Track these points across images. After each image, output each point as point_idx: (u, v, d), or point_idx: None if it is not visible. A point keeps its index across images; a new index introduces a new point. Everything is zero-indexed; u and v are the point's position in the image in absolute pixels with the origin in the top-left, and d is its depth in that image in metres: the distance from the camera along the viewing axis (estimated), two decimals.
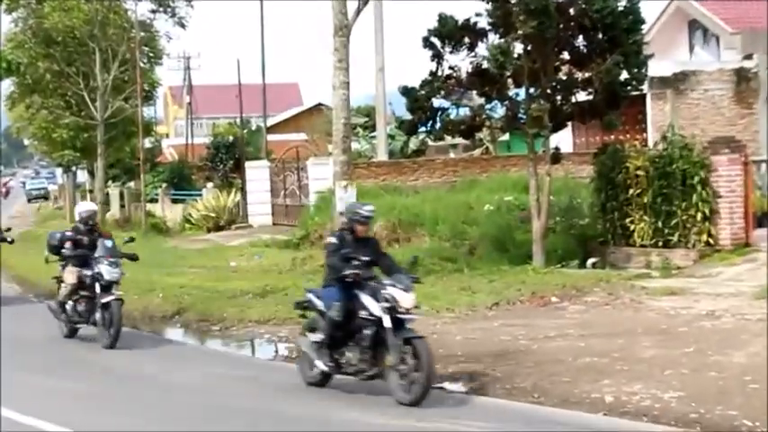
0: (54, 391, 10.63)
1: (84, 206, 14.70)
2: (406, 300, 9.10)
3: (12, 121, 52.29)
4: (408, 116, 19.38)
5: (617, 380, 9.54)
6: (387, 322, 9.07)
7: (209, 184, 38.70)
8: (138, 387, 10.79)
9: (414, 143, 37.14)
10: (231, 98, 47.89)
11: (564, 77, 18.39)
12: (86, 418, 9.07)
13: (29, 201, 77.88)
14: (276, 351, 13.12)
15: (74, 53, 37.82)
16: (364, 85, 24.27)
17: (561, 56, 18.35)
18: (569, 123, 20.33)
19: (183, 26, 38.70)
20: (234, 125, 45.84)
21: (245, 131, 43.42)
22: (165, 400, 10.04)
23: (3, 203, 67.50)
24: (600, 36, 17.85)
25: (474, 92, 19.05)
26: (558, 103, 18.29)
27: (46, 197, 76.48)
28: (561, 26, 17.73)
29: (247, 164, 35.38)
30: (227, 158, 41.26)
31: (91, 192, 49.27)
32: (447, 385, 10.09)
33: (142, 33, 38.41)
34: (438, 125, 19.05)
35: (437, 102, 18.89)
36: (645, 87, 21.26)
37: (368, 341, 9.30)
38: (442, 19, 18.26)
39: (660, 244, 17.42)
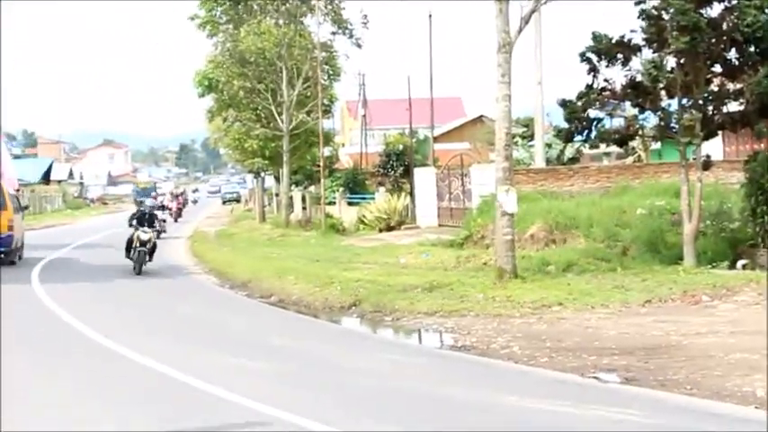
0: (250, 370, 11.03)
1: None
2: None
3: (210, 132, 54.43)
4: (565, 126, 19.13)
5: None
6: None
7: (381, 189, 39.23)
8: (322, 370, 11.06)
9: (569, 151, 36.61)
10: (401, 111, 48.34)
11: (715, 89, 17.79)
12: (281, 396, 9.35)
13: (223, 203, 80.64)
14: (442, 341, 13.20)
15: (264, 72, 38.99)
16: (523, 97, 24.12)
17: (713, 68, 17.76)
18: (720, 132, 19.62)
19: (359, 46, 39.34)
20: (403, 135, 46.18)
21: (413, 141, 43.74)
22: (345, 381, 10.27)
23: (190, 209, 65.65)
24: (751, 49, 17.19)
25: (628, 103, 18.65)
26: (710, 113, 17.71)
27: (238, 200, 79.03)
28: (713, 40, 17.17)
29: (416, 170, 35.66)
30: (398, 165, 41.69)
31: (277, 195, 50.78)
32: (602, 375, 9.95)
33: (323, 53, 39.27)
34: (593, 134, 18.76)
35: (592, 113, 18.60)
36: None
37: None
38: (597, 37, 17.98)
39: None
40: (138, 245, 22.25)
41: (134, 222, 22.75)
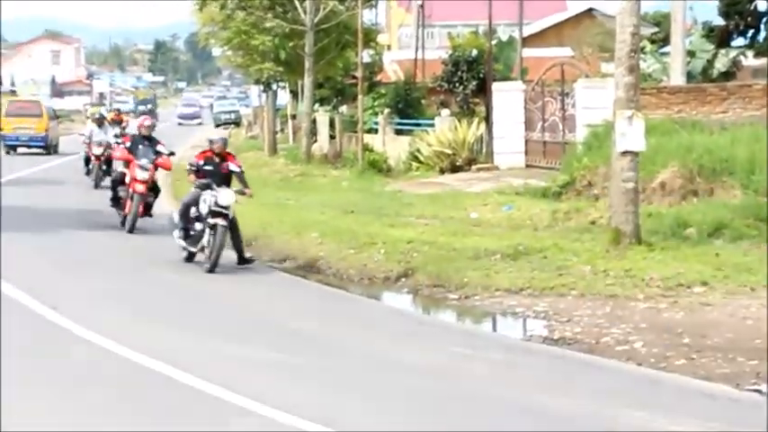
0: (258, 363, 11.09)
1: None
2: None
3: (200, 25, 54.31)
4: (719, 23, 18.87)
5: None
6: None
7: (444, 112, 39.05)
8: (357, 365, 11.07)
9: (722, 62, 36.08)
10: (475, 1, 48.05)
11: None
12: (308, 399, 9.36)
13: (216, 126, 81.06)
14: (530, 330, 13.16)
15: None
16: None
17: None
18: None
19: None
20: (478, 35, 45.87)
21: (492, 44, 43.49)
22: (390, 382, 10.27)
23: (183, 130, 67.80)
24: None
25: None
26: None
27: (237, 123, 79.32)
28: None
29: (495, 86, 35.40)
30: (469, 79, 41.41)
31: (294, 118, 50.87)
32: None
33: None
34: (762, 36, 18.49)
35: (761, 3, 18.32)
36: None
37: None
38: None
39: None
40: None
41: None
